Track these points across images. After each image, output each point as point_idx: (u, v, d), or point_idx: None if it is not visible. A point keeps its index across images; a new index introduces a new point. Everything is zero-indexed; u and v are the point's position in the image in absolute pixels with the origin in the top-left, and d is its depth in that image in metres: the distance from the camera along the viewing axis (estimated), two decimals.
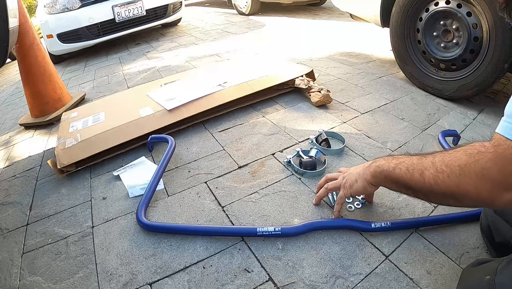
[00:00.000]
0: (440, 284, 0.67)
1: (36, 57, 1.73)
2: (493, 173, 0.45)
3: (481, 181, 0.47)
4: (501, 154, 0.45)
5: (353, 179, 0.76)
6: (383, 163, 0.67)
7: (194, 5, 6.06)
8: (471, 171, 0.48)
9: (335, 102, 1.49)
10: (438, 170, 0.53)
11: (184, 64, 2.45)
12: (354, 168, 0.81)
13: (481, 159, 0.47)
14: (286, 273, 0.73)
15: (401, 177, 0.61)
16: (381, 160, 0.69)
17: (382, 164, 0.67)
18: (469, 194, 0.50)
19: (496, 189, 0.46)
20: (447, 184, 0.52)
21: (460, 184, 0.50)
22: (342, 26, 3.03)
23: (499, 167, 0.45)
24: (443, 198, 0.55)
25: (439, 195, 0.55)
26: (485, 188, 0.47)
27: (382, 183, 0.69)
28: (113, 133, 1.29)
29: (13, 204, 1.13)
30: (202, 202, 0.97)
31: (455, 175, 0.51)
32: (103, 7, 3.01)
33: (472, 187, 0.48)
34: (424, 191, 0.57)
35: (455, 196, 0.52)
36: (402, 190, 0.64)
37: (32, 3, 7.43)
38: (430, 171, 0.55)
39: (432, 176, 0.54)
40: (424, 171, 0.56)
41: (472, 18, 1.25)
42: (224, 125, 1.40)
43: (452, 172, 0.51)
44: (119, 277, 0.77)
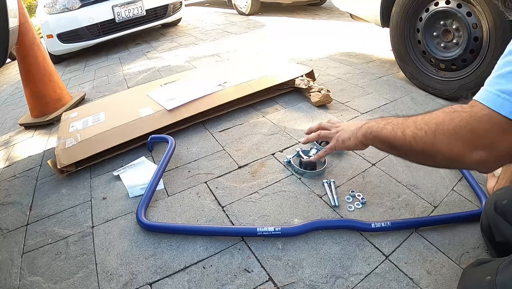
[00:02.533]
0: (440, 284, 0.67)
1: (36, 57, 1.73)
2: (465, 131, 0.48)
3: (453, 138, 0.49)
4: (475, 113, 0.47)
5: (346, 136, 0.82)
6: (373, 124, 0.71)
7: (194, 5, 6.06)
8: (445, 128, 0.51)
9: (335, 102, 1.49)
10: (417, 127, 0.56)
11: (184, 64, 2.45)
12: (347, 124, 0.86)
13: (456, 117, 0.49)
14: (286, 273, 0.73)
15: (387, 136, 0.65)
16: (372, 122, 0.73)
17: (372, 125, 0.71)
18: (442, 151, 0.52)
19: (466, 147, 0.48)
20: (424, 140, 0.55)
21: (434, 140, 0.53)
22: (342, 26, 3.03)
23: (471, 126, 0.47)
24: (422, 156, 0.58)
25: (418, 153, 0.58)
26: (456, 145, 0.49)
27: (371, 142, 0.73)
28: (113, 133, 1.29)
29: (13, 204, 1.13)
30: (202, 202, 0.97)
31: (431, 132, 0.53)
32: (103, 7, 3.01)
33: (445, 144, 0.51)
34: (405, 149, 0.60)
35: (431, 153, 0.54)
36: (388, 149, 0.68)
37: (32, 3, 7.43)
38: (410, 129, 0.58)
39: (411, 134, 0.57)
40: (405, 129, 0.59)
41: (472, 18, 1.24)
42: (224, 125, 1.40)
43: (429, 128, 0.54)
44: (119, 277, 0.77)
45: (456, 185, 0.93)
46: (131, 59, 2.87)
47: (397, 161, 1.05)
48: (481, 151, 0.47)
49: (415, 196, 0.90)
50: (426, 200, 0.88)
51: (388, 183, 0.96)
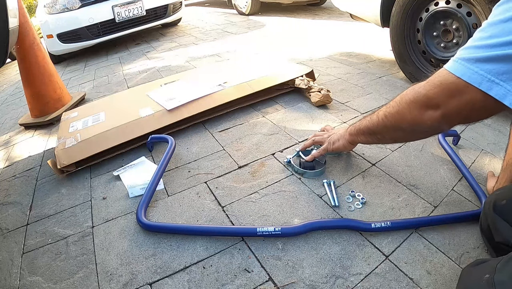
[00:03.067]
0: (440, 284, 0.67)
1: (36, 57, 1.73)
2: (421, 96, 0.57)
3: (412, 103, 0.59)
4: (431, 80, 0.56)
5: (335, 138, 0.94)
6: (357, 122, 0.83)
7: (194, 5, 6.06)
8: (406, 98, 0.60)
9: (335, 102, 1.49)
10: (387, 106, 0.66)
11: (184, 64, 2.45)
12: (337, 129, 1.00)
13: (415, 87, 0.59)
14: (286, 273, 0.73)
15: (366, 125, 0.75)
16: (356, 122, 0.83)
17: (355, 125, 0.83)
18: (405, 117, 0.60)
19: (421, 108, 0.57)
20: (392, 113, 0.64)
21: (399, 110, 0.62)
22: (342, 26, 3.03)
23: (425, 91, 0.57)
24: (393, 130, 0.66)
25: (389, 128, 0.66)
26: (414, 108, 0.58)
27: (357, 138, 0.83)
28: (113, 133, 1.29)
29: (13, 204, 1.13)
30: (202, 202, 0.97)
31: (396, 104, 0.63)
32: (103, 7, 3.01)
33: (406, 110, 0.60)
34: (380, 129, 0.70)
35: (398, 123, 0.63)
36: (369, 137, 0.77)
37: (32, 3, 7.43)
38: (382, 110, 0.67)
39: (383, 113, 0.67)
40: (379, 112, 0.69)
41: (472, 18, 1.24)
42: (224, 125, 1.40)
43: (395, 102, 0.63)
44: (119, 277, 0.77)
45: (456, 185, 0.93)
46: (131, 59, 2.88)
47: (397, 161, 1.05)
48: (433, 110, 0.55)
49: (415, 196, 0.90)
50: (426, 200, 0.89)
51: (388, 183, 0.96)
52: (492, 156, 1.04)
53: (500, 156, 1.03)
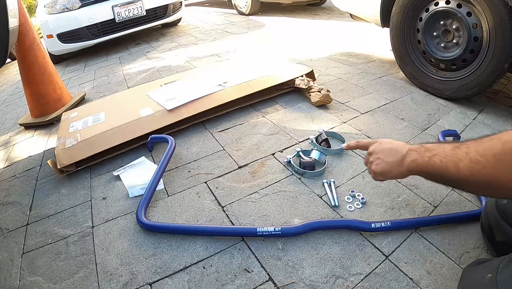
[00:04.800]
0: (440, 284, 0.67)
1: (36, 57, 1.73)
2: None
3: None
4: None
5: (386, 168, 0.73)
6: (417, 157, 0.66)
7: (194, 5, 6.06)
8: (506, 159, 0.47)
9: (335, 102, 1.49)
10: (472, 160, 0.52)
11: (184, 64, 2.45)
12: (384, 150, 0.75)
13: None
14: (286, 273, 0.73)
15: (436, 170, 0.60)
16: (414, 153, 0.67)
17: (417, 158, 0.66)
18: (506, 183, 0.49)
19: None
20: (482, 174, 0.51)
21: (496, 173, 0.49)
22: (342, 26, 3.03)
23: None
24: (479, 189, 0.55)
25: (475, 185, 0.54)
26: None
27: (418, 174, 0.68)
28: (113, 133, 1.29)
29: (13, 204, 1.13)
30: (202, 202, 0.97)
31: (490, 165, 0.50)
32: (103, 7, 3.01)
33: (508, 176, 0.48)
34: (459, 182, 0.57)
35: (491, 186, 0.51)
36: (437, 180, 0.64)
37: (32, 3, 7.43)
38: (464, 162, 0.54)
39: (467, 167, 0.53)
40: (458, 163, 0.55)
41: (472, 18, 1.24)
42: (224, 125, 1.40)
43: (487, 161, 0.50)
44: (119, 277, 0.77)
45: None
46: (131, 59, 2.87)
47: None
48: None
49: (415, 196, 0.90)
50: (426, 200, 0.88)
51: (388, 183, 0.96)
52: None
53: None
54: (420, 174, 0.67)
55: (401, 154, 0.70)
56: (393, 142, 0.75)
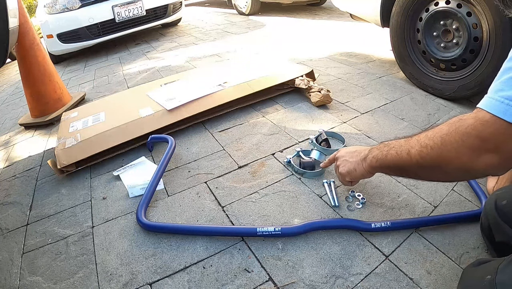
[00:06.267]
0: (440, 284, 0.67)
1: (36, 57, 1.73)
2: (472, 138, 0.48)
3: (461, 146, 0.50)
4: (480, 118, 0.47)
5: (351, 168, 0.80)
6: (377, 152, 0.71)
7: (194, 5, 6.06)
8: (451, 139, 0.51)
9: (335, 102, 1.49)
10: (422, 145, 0.56)
11: (184, 64, 2.45)
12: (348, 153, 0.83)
13: (461, 126, 0.50)
14: (286, 273, 0.73)
15: (393, 161, 0.64)
16: (374, 150, 0.72)
17: (377, 154, 0.71)
18: (451, 161, 0.52)
19: (474, 152, 0.48)
20: (431, 156, 0.54)
21: (442, 152, 0.53)
22: (342, 26, 3.03)
23: (477, 132, 0.47)
24: (431, 172, 0.58)
25: (427, 169, 0.57)
26: (465, 152, 0.49)
27: (379, 170, 0.73)
28: (113, 133, 1.29)
29: (13, 204, 1.13)
30: (202, 202, 0.97)
31: (437, 146, 0.53)
32: (103, 7, 3.01)
33: (453, 154, 0.51)
34: (414, 169, 0.60)
35: (440, 166, 0.54)
36: (397, 173, 0.68)
37: (32, 3, 7.43)
38: (415, 148, 0.58)
39: (417, 152, 0.57)
40: (410, 150, 0.59)
41: (472, 18, 1.24)
42: (224, 125, 1.40)
43: (434, 143, 0.54)
44: (119, 277, 0.77)
45: (456, 185, 0.93)
46: (131, 59, 2.87)
47: None
48: (489, 154, 0.47)
49: (415, 196, 0.90)
50: (426, 200, 0.88)
51: (388, 183, 0.96)
52: None
53: None
54: (381, 170, 0.72)
55: (364, 153, 0.76)
56: (356, 146, 0.83)
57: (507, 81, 0.45)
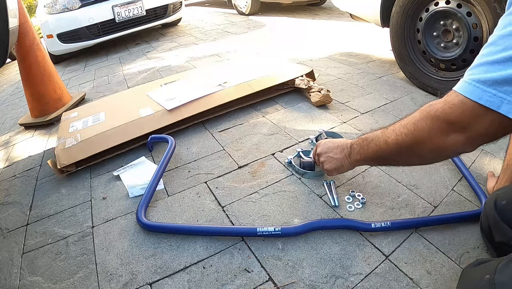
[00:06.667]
0: (440, 284, 0.67)
1: (36, 57, 1.73)
2: (441, 120, 0.52)
3: (431, 129, 0.54)
4: (449, 101, 0.51)
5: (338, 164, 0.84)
6: (359, 149, 0.76)
7: (194, 5, 6.06)
8: (422, 123, 0.55)
9: (335, 102, 1.49)
10: (397, 133, 0.61)
11: (184, 64, 2.45)
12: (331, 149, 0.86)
13: (431, 110, 0.54)
14: (286, 273, 0.73)
15: (374, 154, 0.70)
16: (356, 146, 0.77)
17: (359, 150, 0.76)
18: (424, 144, 0.56)
19: (444, 133, 0.52)
20: (406, 142, 0.59)
21: (415, 137, 0.57)
22: (342, 26, 3.03)
23: (445, 114, 0.51)
24: (408, 157, 0.63)
25: (404, 155, 0.62)
26: (435, 134, 0.53)
27: (364, 163, 0.79)
28: (113, 133, 1.29)
29: (13, 204, 1.13)
30: (202, 202, 0.97)
31: (410, 132, 0.58)
32: (103, 7, 3.01)
33: (426, 137, 0.55)
34: (393, 156, 0.65)
35: (415, 150, 0.59)
36: (379, 162, 0.75)
37: (32, 3, 7.43)
38: (391, 138, 0.62)
39: (394, 141, 0.62)
40: (387, 140, 0.64)
41: (472, 18, 1.24)
42: (224, 125, 1.40)
43: (408, 130, 0.58)
44: (119, 277, 0.77)
45: (456, 185, 0.93)
46: (131, 59, 2.87)
47: None
48: (457, 133, 0.51)
49: (415, 196, 0.90)
50: (426, 200, 0.88)
51: (388, 183, 0.96)
52: (492, 156, 1.04)
53: (500, 156, 1.03)
54: (365, 163, 0.78)
55: (347, 150, 0.81)
56: (334, 140, 0.88)
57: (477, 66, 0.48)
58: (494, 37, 0.46)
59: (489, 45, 0.47)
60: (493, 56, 0.45)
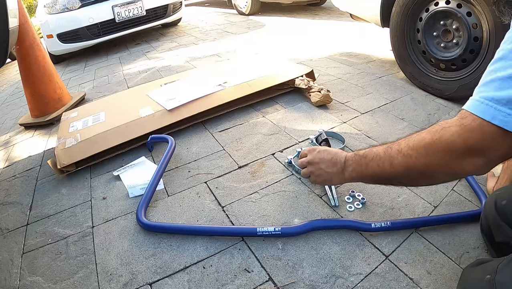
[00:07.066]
0: (440, 284, 0.67)
1: (36, 57, 1.73)
2: (458, 145, 0.48)
3: (447, 154, 0.49)
4: (466, 125, 0.47)
5: (327, 178, 0.79)
6: (355, 166, 0.70)
7: (194, 5, 6.06)
8: (436, 148, 0.51)
9: (335, 102, 1.49)
10: (405, 155, 0.56)
11: (184, 64, 2.45)
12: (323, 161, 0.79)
13: (445, 134, 0.49)
14: (286, 273, 0.73)
15: (375, 173, 0.64)
16: (352, 163, 0.71)
17: (355, 168, 0.70)
18: (439, 170, 0.52)
19: (461, 159, 0.48)
20: (417, 166, 0.54)
21: (428, 163, 0.52)
22: (342, 26, 3.03)
23: (463, 139, 0.47)
24: (416, 180, 0.59)
25: (412, 178, 0.58)
26: (452, 160, 0.49)
27: (357, 181, 0.73)
28: (113, 133, 1.29)
29: (13, 204, 1.13)
30: (202, 202, 0.97)
31: (422, 156, 0.53)
32: (103, 7, 3.01)
33: (441, 162, 0.51)
34: (398, 178, 0.61)
35: (426, 174, 0.55)
36: (379, 182, 0.69)
37: (32, 3, 7.43)
38: (398, 160, 0.57)
39: (401, 163, 0.57)
40: (393, 161, 0.58)
41: (472, 18, 1.24)
42: (224, 125, 1.40)
43: (419, 153, 0.53)
44: (119, 277, 0.77)
45: (456, 185, 0.93)
46: (131, 59, 2.88)
47: None
48: (475, 158, 0.47)
49: (415, 196, 0.90)
50: (426, 200, 0.88)
51: None
52: None
53: None
54: (360, 180, 0.72)
55: (341, 165, 0.75)
56: (329, 151, 0.80)
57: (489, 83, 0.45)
58: (504, 51, 0.44)
59: (498, 60, 0.45)
60: (504, 71, 0.43)
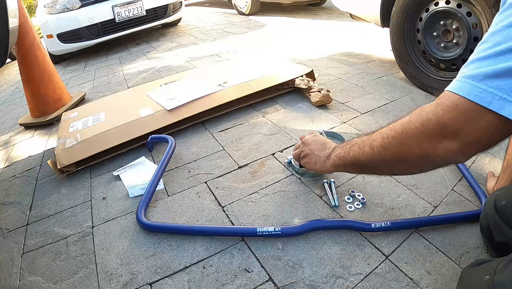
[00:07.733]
0: (440, 284, 0.67)
1: (36, 57, 1.73)
2: (432, 124, 0.47)
3: (421, 133, 0.48)
4: (441, 103, 0.46)
5: (312, 160, 0.83)
6: (339, 151, 0.72)
7: (194, 5, 6.06)
8: (412, 126, 0.50)
9: (335, 102, 1.49)
10: (384, 136, 0.56)
11: (184, 64, 2.45)
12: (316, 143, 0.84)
13: (421, 113, 0.49)
14: (286, 273, 0.73)
15: (355, 157, 0.64)
16: (338, 149, 0.74)
17: (339, 152, 0.72)
18: (412, 149, 0.51)
19: (435, 139, 0.47)
20: (392, 146, 0.54)
21: (403, 140, 0.51)
22: (342, 26, 3.03)
23: (437, 117, 0.46)
24: (393, 163, 0.57)
25: (389, 161, 0.56)
26: (425, 139, 0.48)
27: (341, 169, 0.74)
28: (113, 133, 1.29)
29: (13, 204, 1.13)
30: (202, 202, 0.97)
31: (398, 134, 0.52)
32: (103, 7, 3.01)
33: (414, 141, 0.50)
34: (375, 162, 0.59)
35: (401, 156, 0.53)
36: (359, 169, 0.68)
37: (32, 3, 7.43)
38: (377, 141, 0.57)
39: (379, 144, 0.56)
40: (372, 143, 0.58)
41: (472, 18, 1.24)
42: (224, 125, 1.40)
43: (395, 132, 0.53)
44: (119, 277, 0.77)
45: (456, 185, 0.93)
46: (131, 59, 2.88)
47: None
48: (449, 140, 0.46)
49: (415, 196, 0.90)
50: (426, 200, 0.88)
51: (388, 183, 0.96)
52: (492, 156, 1.04)
53: (500, 156, 1.03)
54: (344, 168, 0.73)
55: (328, 151, 0.78)
56: (325, 139, 0.85)
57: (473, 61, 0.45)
58: (486, 36, 0.45)
59: (481, 44, 0.45)
60: (484, 52, 0.43)
